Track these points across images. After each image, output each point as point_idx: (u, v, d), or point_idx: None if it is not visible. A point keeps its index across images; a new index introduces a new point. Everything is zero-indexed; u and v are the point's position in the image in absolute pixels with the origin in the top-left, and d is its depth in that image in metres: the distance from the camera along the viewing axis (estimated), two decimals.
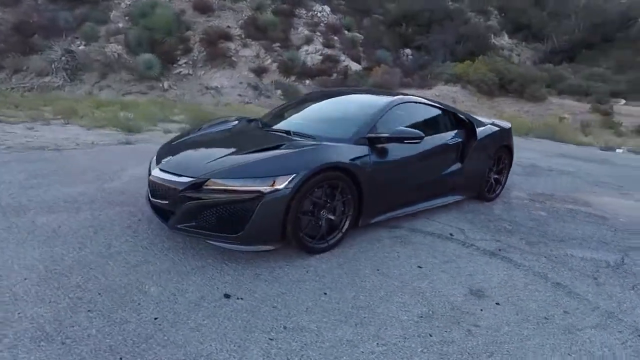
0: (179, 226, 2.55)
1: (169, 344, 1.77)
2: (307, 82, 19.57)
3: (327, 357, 1.76)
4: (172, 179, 2.60)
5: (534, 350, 1.91)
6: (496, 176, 4.28)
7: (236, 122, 3.67)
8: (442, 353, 1.84)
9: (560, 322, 2.15)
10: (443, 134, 3.66)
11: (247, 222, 2.39)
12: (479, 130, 3.92)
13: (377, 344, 1.88)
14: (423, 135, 2.99)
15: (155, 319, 1.94)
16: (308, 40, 21.48)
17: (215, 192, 2.44)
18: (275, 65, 19.58)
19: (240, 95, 17.66)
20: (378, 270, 2.58)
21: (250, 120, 3.83)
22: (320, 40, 21.86)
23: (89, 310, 1.96)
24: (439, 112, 3.76)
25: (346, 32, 23.39)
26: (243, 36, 20.09)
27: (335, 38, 22.26)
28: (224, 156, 2.66)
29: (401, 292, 2.34)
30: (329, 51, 21.15)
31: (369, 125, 3.05)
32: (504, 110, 16.11)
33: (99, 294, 2.11)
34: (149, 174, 3.02)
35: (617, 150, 9.62)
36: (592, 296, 2.45)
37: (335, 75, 19.90)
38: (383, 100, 3.44)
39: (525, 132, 11.61)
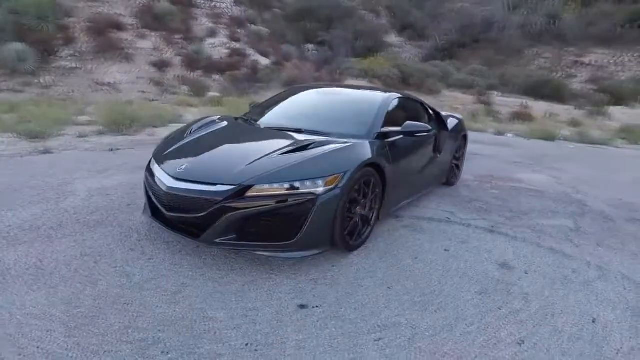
0: (217, 240, 2.30)
1: None
2: (216, 77, 18.66)
3: (436, 345, 1.83)
4: (203, 189, 2.31)
5: (577, 304, 2.26)
6: (457, 162, 4.79)
7: (225, 122, 3.37)
8: (518, 321, 2.06)
9: (577, 280, 2.57)
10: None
11: (303, 227, 2.27)
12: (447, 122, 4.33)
13: (465, 324, 2.01)
14: (430, 128, 3.21)
15: (247, 344, 1.74)
16: (212, 33, 20.41)
17: (262, 199, 2.25)
18: (178, 59, 18.17)
19: (142, 92, 15.97)
20: (416, 258, 2.71)
21: (237, 119, 3.58)
22: (225, 33, 20.97)
23: (164, 352, 1.66)
24: (420, 106, 4.04)
25: (251, 25, 22.86)
26: (138, 26, 18.11)
27: (241, 31, 21.60)
28: (258, 159, 2.45)
29: (449, 275, 2.51)
30: (235, 45, 20.44)
31: (380, 120, 3.14)
32: None
33: (160, 330, 1.80)
34: (148, 187, 2.64)
35: (508, 135, 11.48)
36: (580, 255, 2.96)
37: (244, 69, 19.37)
38: (379, 96, 3.55)
39: None
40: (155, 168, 2.65)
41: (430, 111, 4.21)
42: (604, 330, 2.03)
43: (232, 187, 2.27)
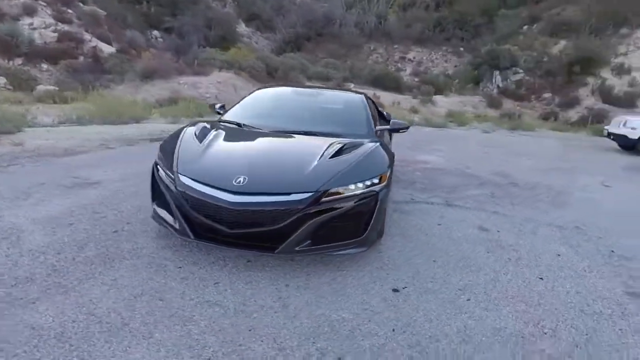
0: (297, 249, 2.32)
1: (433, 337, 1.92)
2: (45, 66, 15.20)
3: (502, 292, 2.40)
4: (278, 200, 2.29)
5: (542, 245, 3.19)
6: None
7: (221, 128, 3.16)
8: (526, 265, 2.82)
9: (527, 229, 3.56)
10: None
11: (370, 222, 2.50)
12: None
13: (502, 274, 2.65)
14: (408, 124, 3.76)
15: (393, 330, 1.95)
16: (29, 11, 16.34)
17: (335, 202, 2.38)
18: None
19: None
20: (427, 234, 3.26)
21: (222, 124, 3.39)
22: (48, 11, 17.06)
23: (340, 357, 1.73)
24: (374, 105, 4.56)
25: (81, 4, 19.18)
26: None
27: (70, 11, 17.95)
28: (315, 165, 2.53)
29: (458, 243, 3.14)
30: (65, 27, 16.90)
31: (371, 119, 3.52)
32: None
33: (315, 341, 1.83)
34: (187, 206, 2.38)
35: None
36: (512, 213, 4.04)
37: (83, 58, 16.32)
38: (355, 96, 3.95)
39: None
40: (195, 184, 2.39)
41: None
42: (566, 257, 2.99)
43: (310, 194, 2.32)
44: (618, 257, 3.09)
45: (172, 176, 2.51)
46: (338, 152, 2.72)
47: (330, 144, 2.85)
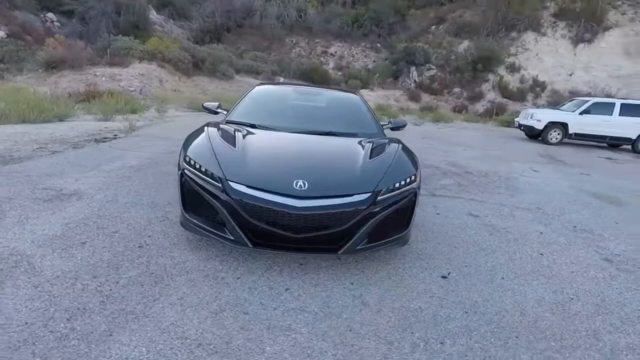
0: (358, 248, 2.43)
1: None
2: None
3: (531, 266, 2.80)
4: (343, 202, 2.36)
5: (524, 225, 3.73)
6: None
7: (239, 132, 3.05)
8: (524, 241, 3.30)
9: (504, 213, 4.12)
10: None
11: (411, 218, 2.70)
12: None
13: (518, 255, 3.08)
14: (406, 122, 4.03)
15: (465, 312, 2.19)
16: None
17: (388, 200, 2.52)
18: None
19: None
20: (452, 224, 3.59)
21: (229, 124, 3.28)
22: None
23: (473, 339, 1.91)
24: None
25: None
26: None
27: None
28: (360, 165, 2.65)
29: (464, 229, 3.52)
30: None
31: (375, 119, 3.72)
32: (207, 88, 17.38)
33: (445, 332, 1.98)
34: (245, 215, 2.33)
35: None
36: (486, 199, 4.60)
37: None
38: (355, 96, 4.11)
39: None
40: (253, 192, 2.33)
41: None
42: (547, 235, 3.57)
43: (369, 194, 2.43)
44: (580, 230, 3.78)
45: (219, 184, 2.40)
46: (373, 153, 2.86)
47: (362, 145, 2.97)
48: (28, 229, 2.69)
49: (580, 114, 10.92)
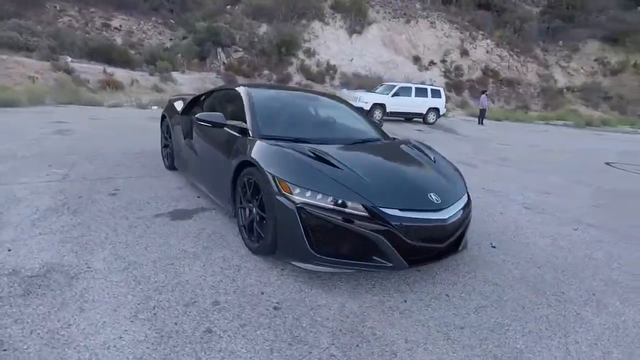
0: (460, 249, 2.64)
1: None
2: None
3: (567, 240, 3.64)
4: (459, 208, 2.55)
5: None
6: None
7: (294, 149, 2.61)
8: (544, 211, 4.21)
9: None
10: None
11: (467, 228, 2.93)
12: None
13: (575, 229, 3.91)
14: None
15: (563, 272, 2.77)
16: None
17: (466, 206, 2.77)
18: None
19: None
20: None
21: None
22: None
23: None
24: None
25: None
26: None
27: None
28: (435, 173, 2.84)
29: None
30: None
31: None
32: None
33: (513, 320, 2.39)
34: (401, 234, 2.23)
35: (153, 108, 11.40)
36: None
37: None
38: (339, 98, 4.04)
39: (37, 98, 10.27)
40: (402, 213, 2.26)
41: None
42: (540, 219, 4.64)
43: (466, 193, 2.77)
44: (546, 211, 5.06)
45: (365, 212, 2.18)
46: (425, 155, 3.08)
47: (404, 150, 3.17)
48: None
49: (392, 96, 13.65)
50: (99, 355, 1.62)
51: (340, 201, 2.18)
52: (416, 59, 29.57)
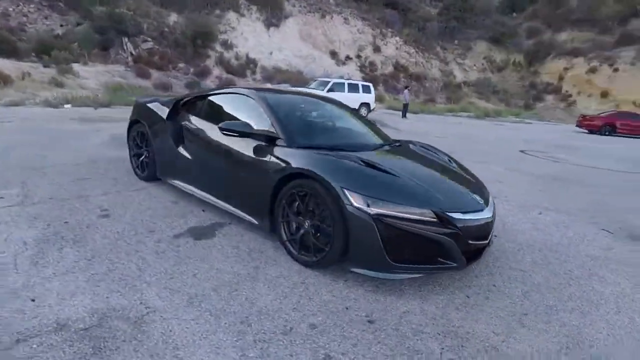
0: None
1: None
2: None
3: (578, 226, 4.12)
4: (492, 208, 2.79)
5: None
6: None
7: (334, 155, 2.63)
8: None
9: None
10: None
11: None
12: None
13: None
14: None
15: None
16: None
17: None
18: None
19: None
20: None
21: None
22: None
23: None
24: None
25: None
26: None
27: None
28: (460, 171, 3.14)
29: None
30: None
31: None
32: None
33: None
34: (471, 234, 2.45)
35: (65, 106, 9.77)
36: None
37: None
38: (338, 101, 3.99)
39: None
40: (465, 216, 2.44)
41: None
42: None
43: (488, 192, 3.02)
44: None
45: (435, 219, 2.30)
46: (439, 156, 3.32)
47: (421, 153, 3.36)
48: None
49: (328, 91, 13.92)
50: None
51: (413, 209, 2.25)
52: (333, 54, 30.44)
